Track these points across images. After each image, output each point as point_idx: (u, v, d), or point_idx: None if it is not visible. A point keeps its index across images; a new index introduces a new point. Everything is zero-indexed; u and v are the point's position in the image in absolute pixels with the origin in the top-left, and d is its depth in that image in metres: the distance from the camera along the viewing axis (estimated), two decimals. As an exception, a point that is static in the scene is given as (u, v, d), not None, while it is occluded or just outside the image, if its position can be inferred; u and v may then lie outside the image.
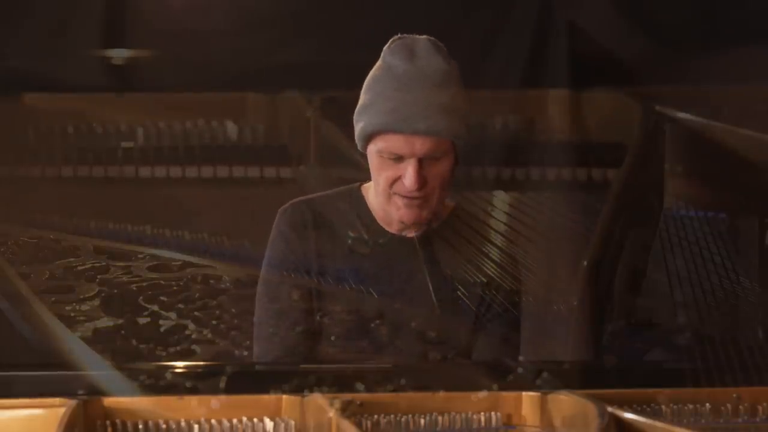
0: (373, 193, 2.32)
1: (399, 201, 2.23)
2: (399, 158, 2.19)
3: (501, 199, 3.50)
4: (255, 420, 1.70)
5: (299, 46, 3.50)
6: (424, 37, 2.25)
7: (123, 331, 3.52)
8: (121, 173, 3.80)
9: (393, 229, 2.31)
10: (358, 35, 2.30)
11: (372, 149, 2.23)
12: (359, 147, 2.28)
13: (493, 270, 2.38)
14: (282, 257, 2.30)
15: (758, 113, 3.11)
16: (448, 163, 2.22)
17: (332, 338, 2.27)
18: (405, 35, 2.26)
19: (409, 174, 2.17)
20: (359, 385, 1.77)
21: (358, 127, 2.24)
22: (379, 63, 2.26)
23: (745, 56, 3.16)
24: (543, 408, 1.77)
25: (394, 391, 1.78)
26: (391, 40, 2.26)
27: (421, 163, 2.18)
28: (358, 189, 2.36)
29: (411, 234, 2.30)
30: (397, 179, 2.21)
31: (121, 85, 3.68)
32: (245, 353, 2.32)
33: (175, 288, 3.64)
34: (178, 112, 3.83)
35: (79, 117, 3.79)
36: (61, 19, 3.48)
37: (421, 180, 2.18)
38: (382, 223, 2.31)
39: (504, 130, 3.80)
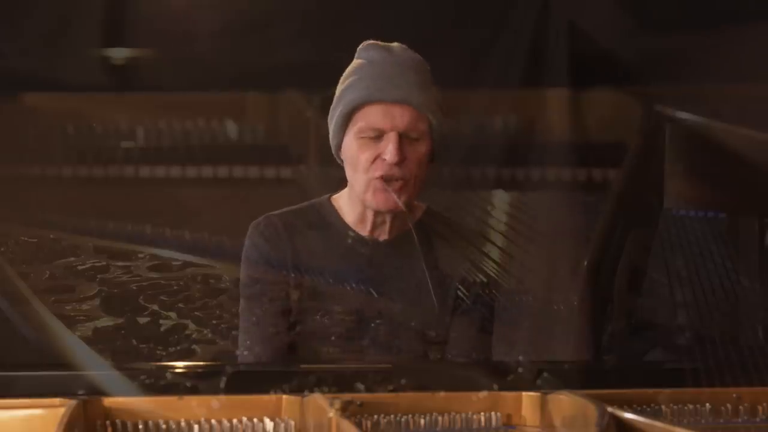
0: (344, 201, 2.34)
1: (377, 184, 2.24)
2: (379, 136, 2.22)
3: (500, 198, 3.50)
4: (255, 420, 1.70)
5: (299, 46, 3.50)
6: (395, 43, 2.31)
7: (123, 331, 3.52)
8: (121, 173, 3.80)
9: (365, 231, 2.31)
10: (358, 35, 2.31)
11: (350, 137, 2.26)
12: (335, 146, 2.31)
13: (489, 269, 2.38)
14: (257, 269, 2.32)
15: (758, 113, 3.11)
16: (425, 147, 2.25)
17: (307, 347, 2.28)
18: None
19: (390, 148, 2.21)
20: (359, 385, 1.77)
21: (337, 113, 2.27)
22: (353, 62, 2.31)
23: (746, 55, 3.16)
24: (543, 408, 1.77)
25: (394, 391, 1.78)
26: (362, 44, 2.32)
27: (401, 140, 2.21)
28: (328, 200, 2.37)
29: (383, 237, 2.31)
30: (375, 159, 2.23)
31: (121, 85, 3.68)
32: (246, 353, 2.32)
33: (175, 288, 3.64)
34: (178, 112, 3.83)
35: (79, 117, 3.80)
36: (61, 18, 3.48)
37: (401, 154, 2.21)
38: (354, 228, 2.32)
39: (504, 130, 3.80)
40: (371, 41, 2.31)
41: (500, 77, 3.49)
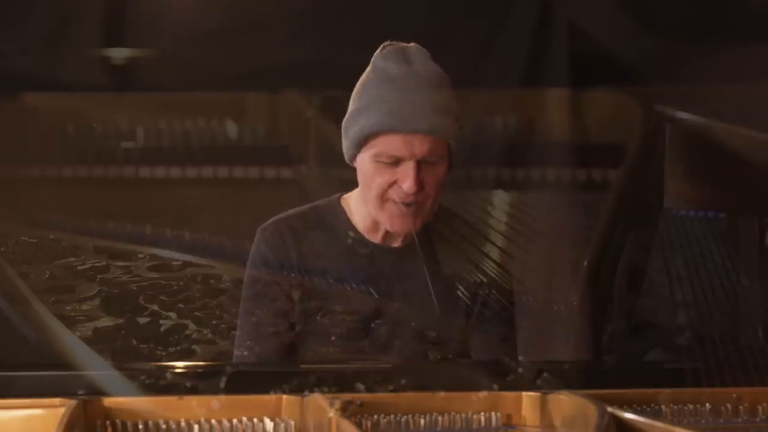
0: (354, 203, 2.30)
1: (393, 208, 2.20)
2: (396, 162, 2.17)
3: (500, 198, 3.50)
4: (255, 420, 1.70)
5: (299, 46, 3.50)
6: (413, 44, 2.24)
7: (123, 331, 3.52)
8: (121, 173, 3.80)
9: (377, 239, 2.29)
10: (357, 35, 2.31)
11: (365, 155, 2.20)
12: (348, 157, 2.25)
13: (489, 269, 2.38)
14: (261, 276, 2.30)
15: (758, 113, 3.11)
16: (443, 168, 2.21)
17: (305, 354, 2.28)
18: (394, 42, 2.25)
19: (408, 177, 2.15)
20: (359, 385, 1.77)
21: (353, 131, 2.20)
22: (369, 69, 2.24)
23: (746, 55, 3.16)
24: (543, 408, 1.77)
25: (394, 391, 1.78)
26: (381, 47, 2.25)
27: (419, 166, 2.16)
28: (338, 201, 2.33)
29: (396, 244, 2.29)
30: (392, 184, 2.18)
31: (121, 85, 3.68)
32: (245, 353, 2.33)
33: (175, 288, 3.64)
34: (178, 112, 3.83)
35: (79, 117, 3.80)
36: (61, 18, 3.48)
37: (419, 183, 2.16)
38: (365, 234, 2.29)
39: (504, 130, 3.80)
40: (390, 46, 2.23)
41: (500, 77, 3.50)
